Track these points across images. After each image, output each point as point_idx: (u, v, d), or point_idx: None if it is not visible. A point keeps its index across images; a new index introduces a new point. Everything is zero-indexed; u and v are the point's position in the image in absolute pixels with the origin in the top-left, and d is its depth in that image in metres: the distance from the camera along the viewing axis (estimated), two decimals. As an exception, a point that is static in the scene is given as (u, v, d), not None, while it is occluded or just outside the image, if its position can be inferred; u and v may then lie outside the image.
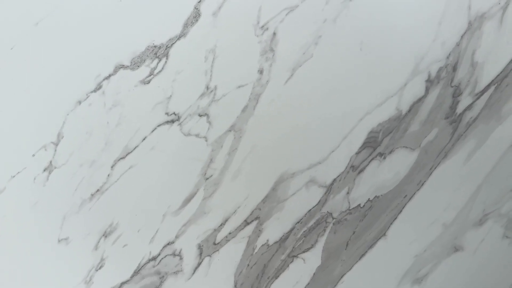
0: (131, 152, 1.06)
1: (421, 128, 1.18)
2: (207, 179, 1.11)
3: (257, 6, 1.01)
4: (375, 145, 1.18)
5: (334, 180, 1.17)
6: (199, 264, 1.14)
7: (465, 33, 1.13)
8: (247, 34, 1.03)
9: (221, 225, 1.15)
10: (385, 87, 1.13)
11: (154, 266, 1.11)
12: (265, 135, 1.12)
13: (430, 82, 1.14)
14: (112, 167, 1.06)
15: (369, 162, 1.19)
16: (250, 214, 1.16)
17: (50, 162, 1.03)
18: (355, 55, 1.10)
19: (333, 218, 1.20)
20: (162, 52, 1.00)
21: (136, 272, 1.10)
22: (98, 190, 1.06)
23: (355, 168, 1.17)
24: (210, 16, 0.99)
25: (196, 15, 0.98)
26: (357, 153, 1.18)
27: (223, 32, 1.01)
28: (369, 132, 1.17)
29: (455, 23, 1.11)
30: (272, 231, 1.18)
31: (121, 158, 1.06)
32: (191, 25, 0.99)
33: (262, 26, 1.03)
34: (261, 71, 1.06)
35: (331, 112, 1.13)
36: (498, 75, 1.17)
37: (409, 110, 1.16)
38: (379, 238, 1.22)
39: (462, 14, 1.10)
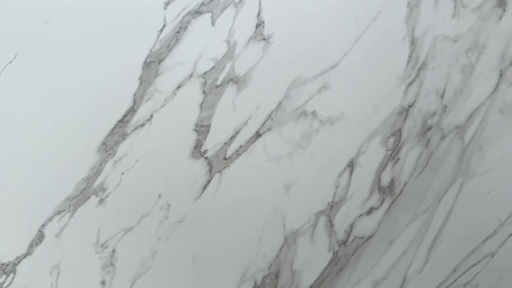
0: None
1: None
2: None
3: (96, 228, 1.10)
4: None
5: None
6: None
7: (282, 246, 1.23)
8: (88, 251, 1.11)
9: None
10: (217, 294, 1.20)
11: None
12: None
13: (256, 288, 1.21)
14: None
15: None
16: None
17: None
18: (189, 267, 1.17)
19: None
20: (10, 268, 1.06)
21: None
22: None
23: None
24: (53, 237, 1.08)
25: (40, 237, 1.06)
26: None
27: (66, 251, 1.09)
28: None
29: (273, 239, 1.21)
30: None
31: None
32: (35, 245, 1.07)
33: (102, 245, 1.11)
34: (103, 283, 1.13)
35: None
36: (315, 280, 1.25)
37: (240, 313, 1.22)
38: None
39: (279, 231, 1.21)
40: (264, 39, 1.14)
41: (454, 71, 1.28)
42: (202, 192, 1.18)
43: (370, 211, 1.30)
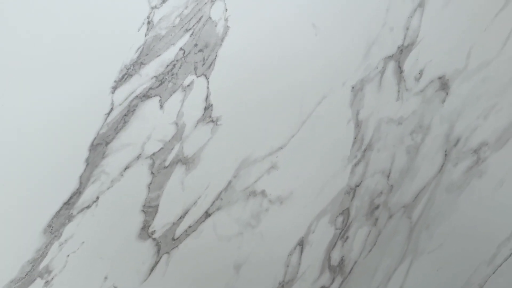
0: None
1: None
2: None
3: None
4: None
5: None
6: None
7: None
8: None
9: None
10: None
11: None
12: None
13: None
14: None
15: None
16: None
17: None
18: None
19: None
20: None
21: None
22: None
23: None
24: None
25: None
26: None
27: None
28: None
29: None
30: None
31: None
32: None
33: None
34: None
35: None
36: None
37: None
38: None
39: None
40: (212, 121, 1.14)
41: (399, 152, 1.29)
42: (150, 274, 1.15)
43: (321, 290, 1.26)
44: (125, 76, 1.06)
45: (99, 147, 1.06)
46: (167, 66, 1.09)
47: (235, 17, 1.12)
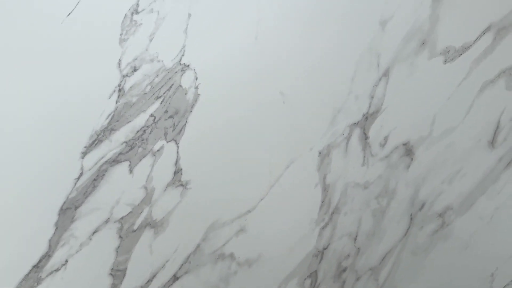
0: None
1: None
2: None
3: None
4: None
5: None
6: None
7: None
8: None
9: None
10: None
11: None
12: None
13: None
14: None
15: None
16: None
17: None
18: None
19: None
20: None
21: None
22: None
23: None
24: None
25: None
26: None
27: None
28: None
29: None
30: None
31: None
32: None
33: None
34: None
35: None
36: None
37: None
38: None
39: None
40: (182, 185, 1.15)
41: (365, 216, 1.30)
42: (117, 336, 1.13)
43: None
44: (95, 141, 1.08)
45: (68, 211, 1.07)
46: (138, 132, 1.11)
47: (205, 85, 1.15)
